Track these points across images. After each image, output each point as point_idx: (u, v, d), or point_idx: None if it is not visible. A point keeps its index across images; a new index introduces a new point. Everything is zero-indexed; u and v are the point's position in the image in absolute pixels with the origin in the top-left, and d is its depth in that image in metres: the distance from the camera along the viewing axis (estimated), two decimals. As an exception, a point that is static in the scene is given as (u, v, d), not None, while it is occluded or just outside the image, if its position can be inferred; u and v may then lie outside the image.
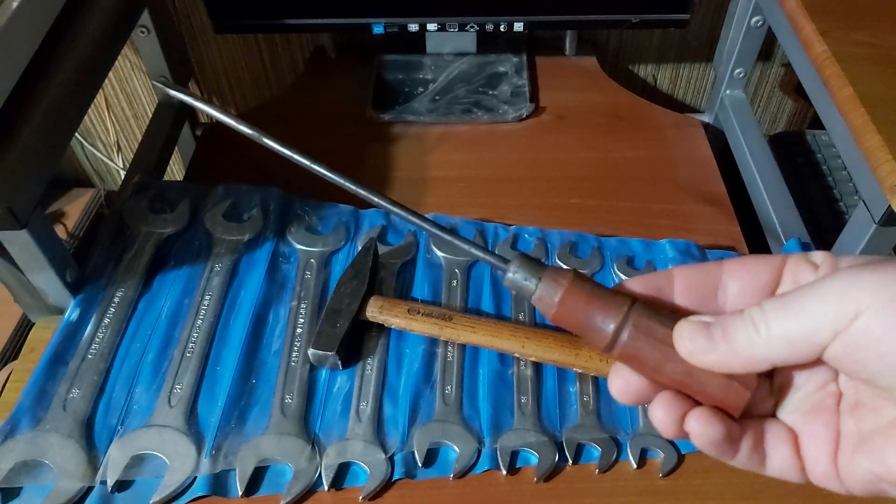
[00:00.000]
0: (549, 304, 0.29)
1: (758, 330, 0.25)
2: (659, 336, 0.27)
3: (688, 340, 0.27)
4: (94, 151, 1.11)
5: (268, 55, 1.01)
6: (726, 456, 0.28)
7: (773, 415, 0.29)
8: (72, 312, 0.58)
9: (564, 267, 0.29)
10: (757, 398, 0.28)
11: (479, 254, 0.31)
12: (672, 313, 0.28)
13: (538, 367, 0.57)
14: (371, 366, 0.57)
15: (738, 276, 0.28)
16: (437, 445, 0.53)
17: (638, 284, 0.29)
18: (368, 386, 0.55)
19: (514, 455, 0.52)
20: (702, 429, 0.27)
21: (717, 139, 0.91)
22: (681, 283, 0.29)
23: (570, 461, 0.52)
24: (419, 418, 0.54)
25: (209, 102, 0.33)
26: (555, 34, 0.97)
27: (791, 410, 0.28)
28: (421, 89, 0.87)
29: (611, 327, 0.27)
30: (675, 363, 0.27)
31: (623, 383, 0.28)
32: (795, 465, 0.28)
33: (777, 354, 0.25)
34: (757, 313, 0.26)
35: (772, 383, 0.29)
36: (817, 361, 0.26)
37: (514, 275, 0.29)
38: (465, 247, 0.32)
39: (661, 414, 0.28)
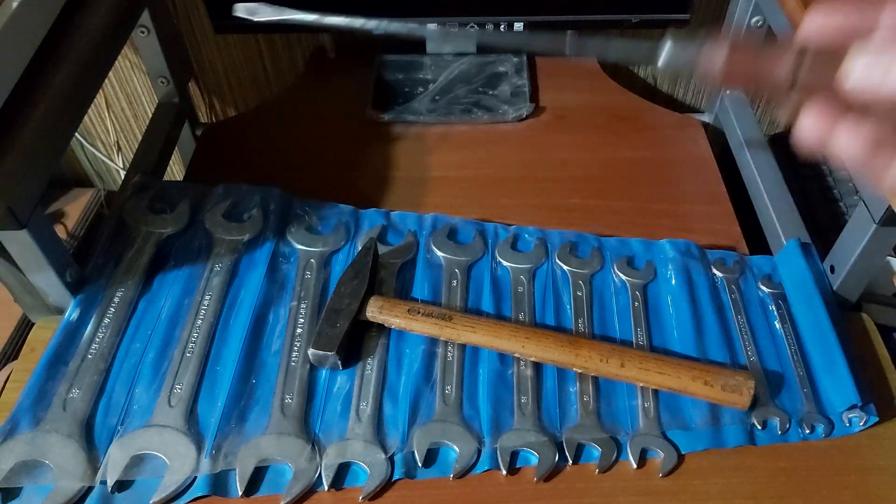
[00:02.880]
0: (716, 67, 0.28)
1: None
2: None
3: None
4: (94, 151, 1.11)
5: (268, 55, 1.01)
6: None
7: None
8: (72, 312, 0.58)
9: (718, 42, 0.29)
10: None
11: (618, 48, 0.30)
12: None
13: (538, 367, 0.57)
14: (371, 366, 0.57)
15: None
16: (437, 445, 0.53)
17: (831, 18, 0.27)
18: (368, 386, 0.55)
19: (514, 455, 0.52)
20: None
21: (717, 139, 0.91)
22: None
23: (570, 461, 0.52)
24: (419, 418, 0.54)
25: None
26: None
27: None
28: (421, 89, 0.87)
29: (785, 72, 0.27)
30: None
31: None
32: None
33: None
34: None
35: None
36: None
37: (674, 51, 0.28)
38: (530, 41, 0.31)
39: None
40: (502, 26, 0.84)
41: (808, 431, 0.54)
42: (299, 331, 0.59)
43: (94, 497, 0.49)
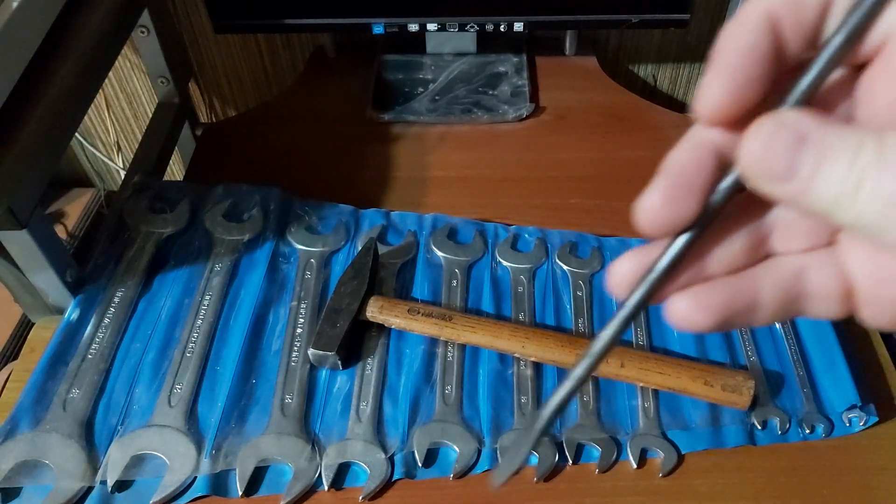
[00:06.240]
0: None
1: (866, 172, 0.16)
2: None
3: (760, 148, 0.18)
4: (94, 151, 1.11)
5: (268, 55, 1.01)
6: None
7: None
8: (72, 312, 0.58)
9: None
10: None
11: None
12: None
13: (538, 367, 0.57)
14: (371, 366, 0.57)
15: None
16: (437, 445, 0.53)
17: None
18: (368, 386, 0.55)
19: (514, 455, 0.52)
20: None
21: (717, 139, 0.91)
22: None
23: (570, 461, 0.52)
24: (419, 418, 0.54)
25: None
26: (555, 34, 0.97)
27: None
28: (421, 89, 0.87)
29: None
30: None
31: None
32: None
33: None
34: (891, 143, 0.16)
35: None
36: None
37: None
38: None
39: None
40: (502, 26, 0.84)
41: (808, 431, 0.54)
42: (299, 331, 0.59)
43: (94, 497, 0.49)
